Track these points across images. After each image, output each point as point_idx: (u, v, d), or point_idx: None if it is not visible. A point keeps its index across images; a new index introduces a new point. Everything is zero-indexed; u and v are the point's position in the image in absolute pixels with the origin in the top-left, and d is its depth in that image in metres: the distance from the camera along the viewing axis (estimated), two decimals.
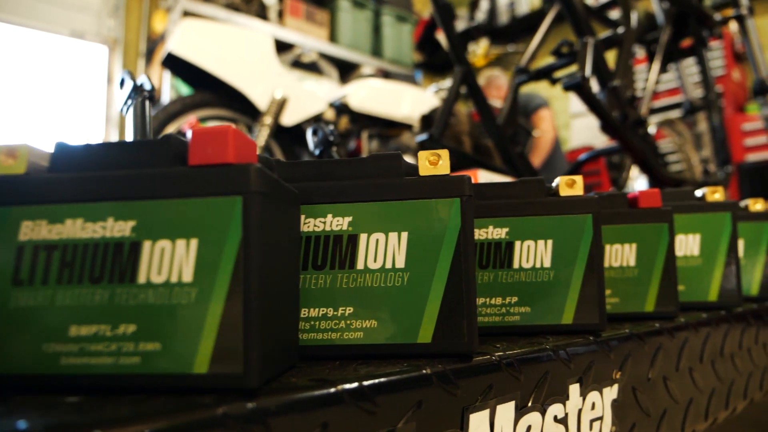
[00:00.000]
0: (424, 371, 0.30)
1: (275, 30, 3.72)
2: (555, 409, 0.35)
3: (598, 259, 0.40)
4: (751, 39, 1.73)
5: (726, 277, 0.58)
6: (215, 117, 2.19)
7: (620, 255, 0.50)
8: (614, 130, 1.00)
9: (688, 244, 0.58)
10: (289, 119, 2.22)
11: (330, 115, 2.52)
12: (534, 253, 0.41)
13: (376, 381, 0.28)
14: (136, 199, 0.26)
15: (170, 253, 0.26)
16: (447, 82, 2.80)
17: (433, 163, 0.34)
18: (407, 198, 0.33)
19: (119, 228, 0.26)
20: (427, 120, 2.19)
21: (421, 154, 0.35)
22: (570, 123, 4.01)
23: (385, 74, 4.06)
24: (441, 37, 4.76)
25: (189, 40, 2.08)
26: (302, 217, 0.34)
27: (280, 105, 2.19)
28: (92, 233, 0.26)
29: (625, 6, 1.18)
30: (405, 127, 2.51)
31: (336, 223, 0.33)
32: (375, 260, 0.33)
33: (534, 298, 0.41)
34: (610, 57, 1.19)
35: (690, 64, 1.90)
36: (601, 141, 3.08)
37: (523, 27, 4.11)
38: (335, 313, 0.33)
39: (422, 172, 0.34)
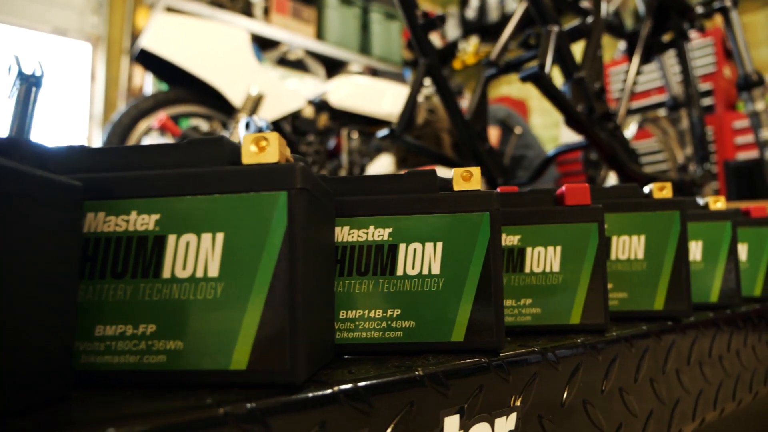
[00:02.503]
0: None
1: (261, 27, 3.67)
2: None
3: (495, 265, 0.35)
4: (735, 32, 1.68)
5: (674, 283, 0.52)
6: (189, 114, 2.14)
7: (543, 259, 0.44)
8: (579, 124, 0.95)
9: (629, 247, 0.52)
10: (265, 116, 2.17)
11: (309, 112, 2.47)
12: (421, 257, 0.36)
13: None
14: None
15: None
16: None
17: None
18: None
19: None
20: None
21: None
22: (559, 121, 3.96)
23: (374, 72, 4.01)
24: (432, 34, 4.72)
25: (162, 35, 2.03)
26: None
27: (256, 101, 2.13)
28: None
29: None
30: (386, 124, 2.46)
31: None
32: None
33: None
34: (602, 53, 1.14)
35: (676, 60, 1.85)
36: None
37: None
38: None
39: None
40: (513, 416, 0.34)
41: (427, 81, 2.69)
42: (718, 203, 0.65)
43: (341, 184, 0.38)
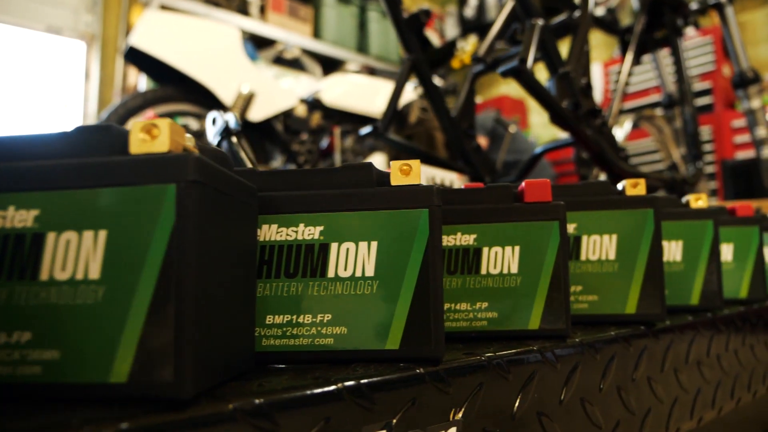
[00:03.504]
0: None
1: (257, 26, 3.64)
2: None
3: (434, 267, 0.32)
4: (730, 28, 1.64)
5: (647, 286, 0.49)
6: (179, 112, 2.12)
7: (500, 259, 0.42)
8: (564, 121, 0.92)
9: (600, 247, 0.49)
10: (256, 114, 2.15)
11: (301, 110, 2.44)
12: (354, 258, 0.33)
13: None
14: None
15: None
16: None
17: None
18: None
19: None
20: (399, 115, 2.11)
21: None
22: None
23: (371, 71, 3.98)
24: (431, 33, 4.69)
25: (151, 32, 2.01)
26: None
27: (247, 100, 2.11)
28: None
29: None
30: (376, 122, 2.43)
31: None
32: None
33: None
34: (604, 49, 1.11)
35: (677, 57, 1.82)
36: None
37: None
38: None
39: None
40: (452, 431, 0.31)
41: (438, 81, 2.67)
42: (699, 201, 0.62)
43: (269, 178, 0.36)
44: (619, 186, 0.52)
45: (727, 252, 0.71)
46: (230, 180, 0.28)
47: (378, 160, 2.27)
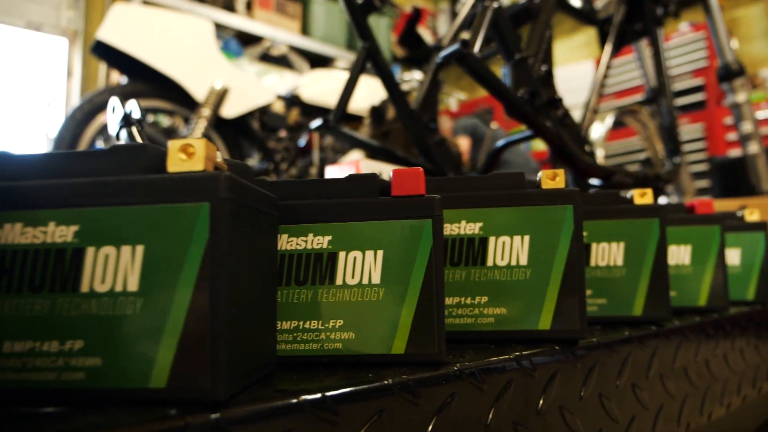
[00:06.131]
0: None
1: (243, 22, 3.58)
2: None
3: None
4: (715, 20, 1.57)
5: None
6: (150, 108, 2.05)
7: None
8: (519, 112, 0.85)
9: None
10: (230, 111, 2.08)
11: (279, 107, 2.37)
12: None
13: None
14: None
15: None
16: (410, 74, 2.66)
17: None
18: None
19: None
20: (376, 111, 2.04)
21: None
22: None
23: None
24: (423, 30, 4.61)
25: (119, 25, 1.95)
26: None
27: (220, 96, 2.04)
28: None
29: None
30: (359, 119, 2.37)
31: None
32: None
33: None
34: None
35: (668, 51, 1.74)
36: None
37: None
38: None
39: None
40: None
41: (419, 75, 2.59)
42: (645, 197, 0.55)
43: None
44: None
45: (684, 254, 0.64)
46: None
47: (354, 157, 2.20)
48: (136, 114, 0.66)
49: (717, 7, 1.57)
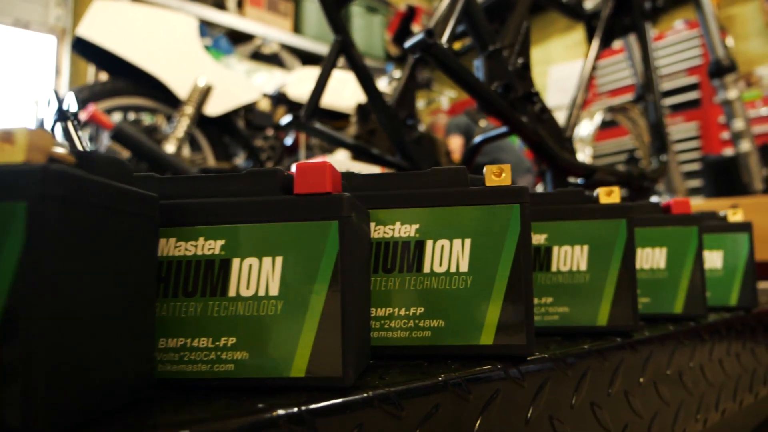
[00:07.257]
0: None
1: (234, 20, 3.54)
2: None
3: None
4: (705, 14, 1.53)
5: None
6: (131, 106, 2.01)
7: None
8: (491, 106, 0.81)
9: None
10: (214, 109, 2.04)
11: (265, 104, 2.33)
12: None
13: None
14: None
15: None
16: (400, 72, 2.61)
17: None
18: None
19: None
20: (362, 109, 2.00)
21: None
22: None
23: None
24: (418, 29, 4.57)
25: (100, 22, 1.90)
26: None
27: (204, 93, 2.00)
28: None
29: None
30: (346, 117, 2.32)
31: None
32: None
33: None
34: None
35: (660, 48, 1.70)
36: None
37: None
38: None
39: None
40: None
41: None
42: (612, 195, 0.51)
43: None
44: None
45: (659, 257, 0.59)
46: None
47: (341, 156, 2.16)
48: (73, 108, 0.62)
49: (708, 2, 1.53)
